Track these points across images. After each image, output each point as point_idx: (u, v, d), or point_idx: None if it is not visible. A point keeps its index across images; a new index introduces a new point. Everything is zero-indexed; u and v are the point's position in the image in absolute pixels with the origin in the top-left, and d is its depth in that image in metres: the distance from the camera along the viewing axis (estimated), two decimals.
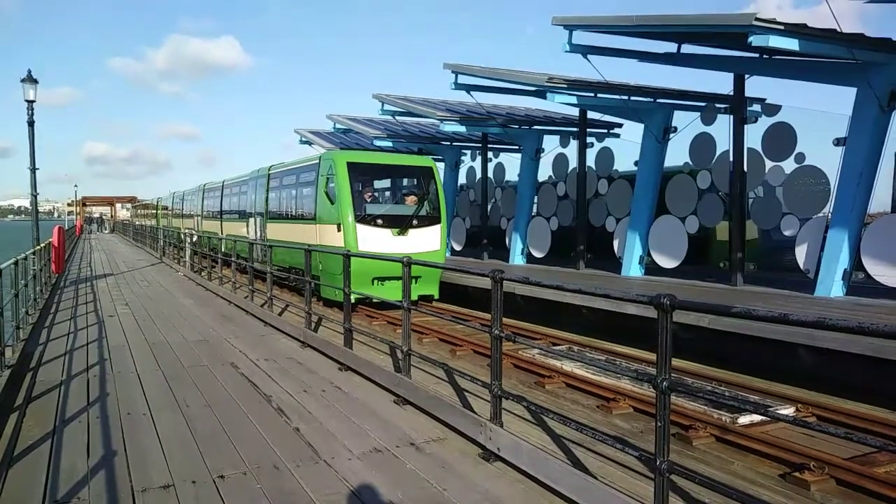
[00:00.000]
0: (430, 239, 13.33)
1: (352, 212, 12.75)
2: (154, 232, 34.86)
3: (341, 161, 13.26)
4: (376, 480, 4.68)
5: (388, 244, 12.65)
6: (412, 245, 12.78)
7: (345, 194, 12.86)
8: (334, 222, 13.00)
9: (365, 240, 12.61)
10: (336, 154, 14.14)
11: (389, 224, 12.94)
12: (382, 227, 12.83)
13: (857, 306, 9.22)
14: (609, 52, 12.91)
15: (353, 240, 12.60)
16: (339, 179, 13.00)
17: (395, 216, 13.21)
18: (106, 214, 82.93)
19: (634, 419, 6.32)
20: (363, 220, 12.76)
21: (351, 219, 12.71)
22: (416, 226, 13.19)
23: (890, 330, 2.85)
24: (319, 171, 13.89)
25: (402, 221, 13.10)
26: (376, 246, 12.47)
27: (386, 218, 13.03)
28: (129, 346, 9.48)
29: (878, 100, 9.85)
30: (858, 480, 4.69)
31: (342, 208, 12.83)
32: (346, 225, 12.71)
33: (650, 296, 3.74)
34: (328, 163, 13.59)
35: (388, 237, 12.82)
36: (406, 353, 6.85)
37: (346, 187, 12.90)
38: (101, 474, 4.73)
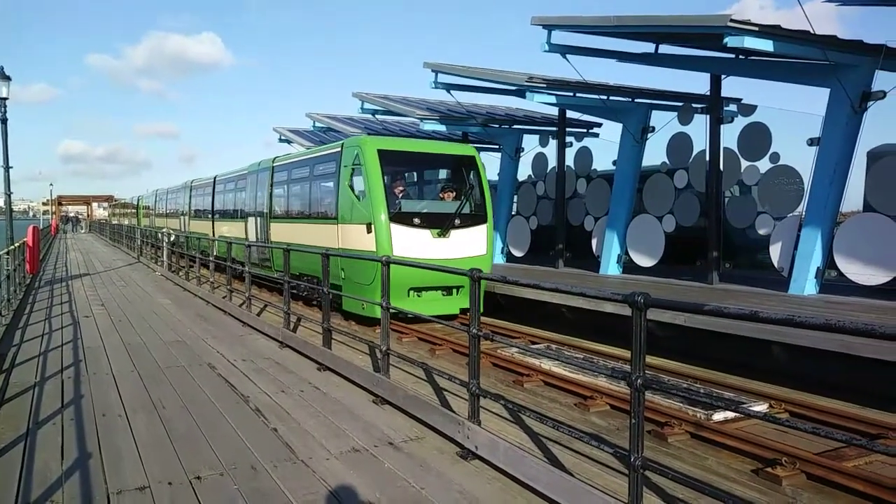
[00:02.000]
0: (475, 241, 11.39)
1: (385, 209, 10.69)
2: (132, 231, 33.92)
3: (370, 148, 11.12)
4: (354, 480, 4.68)
5: (426, 248, 10.78)
6: (455, 249, 11.02)
7: (376, 188, 10.78)
8: (363, 222, 10.96)
9: (401, 243, 10.64)
10: (364, 140, 11.62)
11: (428, 224, 10.98)
12: (421, 228, 10.89)
13: (829, 304, 9.38)
14: (588, 51, 12.99)
15: (387, 243, 10.59)
16: (369, 170, 10.90)
17: (435, 214, 11.22)
18: (82, 214, 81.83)
19: (611, 416, 6.38)
20: (399, 220, 10.77)
21: (384, 217, 10.66)
22: (459, 226, 11.22)
23: (856, 327, 2.92)
24: (342, 160, 11.77)
25: (443, 221, 11.08)
26: (413, 250, 10.61)
27: (425, 217, 11.07)
28: (104, 347, 9.38)
29: (851, 100, 10.01)
30: (828, 475, 4.78)
31: (374, 205, 10.73)
32: (378, 225, 10.66)
33: (624, 294, 3.79)
34: (353, 150, 11.44)
35: (427, 240, 10.89)
36: (385, 352, 6.86)
37: (377, 180, 10.83)
38: (76, 476, 4.68)
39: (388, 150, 11.36)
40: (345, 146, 11.91)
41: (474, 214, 11.55)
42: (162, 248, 22.39)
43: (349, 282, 11.36)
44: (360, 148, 11.25)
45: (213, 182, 21.99)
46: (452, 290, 11.31)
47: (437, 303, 11.05)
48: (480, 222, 11.55)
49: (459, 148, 12.75)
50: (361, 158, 11.09)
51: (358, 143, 11.54)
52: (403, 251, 10.52)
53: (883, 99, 9.94)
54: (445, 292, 11.31)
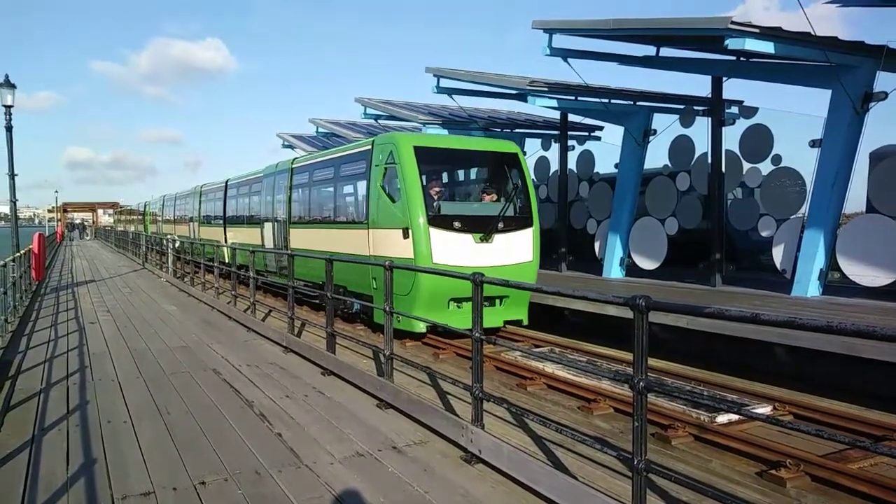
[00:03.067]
0: (521, 247, 10.41)
1: (424, 212, 9.68)
2: (137, 238, 33.66)
3: (406, 145, 10.17)
4: (358, 484, 4.69)
5: (468, 254, 9.82)
6: (499, 255, 10.08)
7: (414, 189, 9.77)
8: (398, 226, 9.94)
9: (441, 249, 9.68)
10: (398, 137, 10.63)
11: (470, 228, 9.98)
12: (462, 232, 9.87)
13: (832, 306, 9.37)
14: (589, 55, 13.02)
15: (426, 249, 9.60)
16: (405, 169, 9.91)
17: (477, 217, 10.31)
18: (87, 220, 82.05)
19: (615, 419, 6.38)
20: (438, 223, 9.77)
21: (423, 221, 9.64)
22: (503, 230, 10.22)
23: (857, 328, 2.93)
24: (373, 159, 10.78)
25: (485, 224, 10.10)
26: (455, 257, 9.68)
27: (466, 220, 10.08)
28: (110, 353, 9.41)
29: (852, 102, 10.02)
30: (833, 477, 4.78)
31: (411, 207, 9.72)
32: (416, 229, 9.64)
33: (626, 297, 3.80)
34: (387, 148, 10.46)
35: (469, 245, 9.91)
36: (389, 356, 6.88)
37: (414, 180, 9.86)
38: (81, 482, 4.71)
39: (424, 147, 10.38)
40: (376, 143, 10.96)
41: (519, 217, 10.57)
42: (167, 254, 22.44)
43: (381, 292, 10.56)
44: (394, 145, 10.29)
45: (225, 186, 21.11)
46: (496, 300, 10.31)
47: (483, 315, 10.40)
48: (526, 226, 10.56)
49: (500, 144, 11.70)
50: (396, 156, 10.12)
51: (392, 139, 10.57)
52: (443, 258, 9.58)
53: (885, 100, 9.94)
54: (488, 303, 9.97)
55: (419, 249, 9.62)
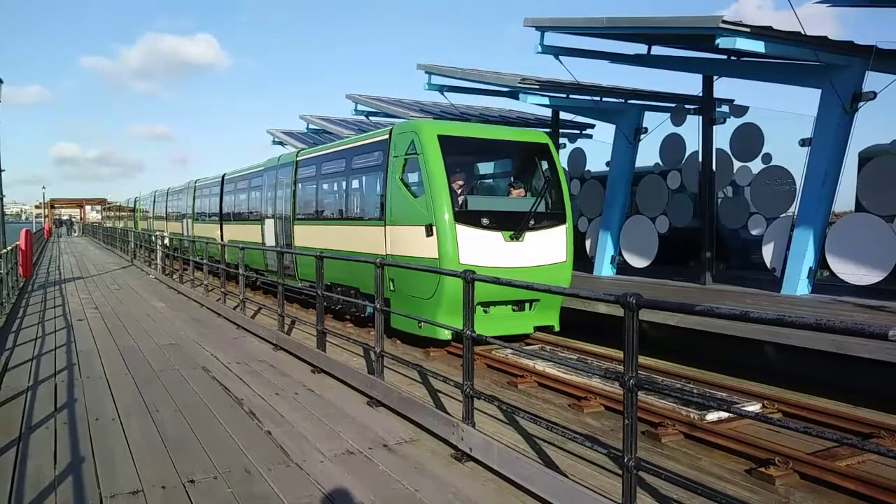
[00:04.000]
0: (553, 246, 9.62)
1: (450, 207, 8.89)
2: (125, 234, 33.18)
3: (430, 133, 9.33)
4: (349, 482, 4.68)
5: (497, 254, 9.05)
6: (530, 255, 9.32)
7: (438, 182, 8.96)
8: (420, 223, 9.11)
9: (468, 248, 8.88)
10: (420, 125, 9.81)
11: (499, 225, 9.18)
12: (490, 230, 9.11)
13: (821, 304, 9.42)
14: (580, 53, 13.04)
15: (452, 248, 8.82)
16: (429, 161, 9.08)
17: (507, 213, 9.46)
18: (75, 216, 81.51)
19: (605, 417, 6.39)
20: (465, 220, 8.97)
21: (448, 217, 8.84)
22: (534, 227, 9.43)
23: (845, 326, 2.94)
24: (391, 150, 9.93)
25: (516, 221, 9.30)
26: (483, 257, 8.86)
27: (495, 216, 9.27)
28: (98, 350, 9.35)
29: (842, 101, 10.08)
30: (821, 474, 4.80)
31: (435, 202, 8.90)
32: (441, 226, 8.84)
33: (617, 295, 3.81)
34: (407, 137, 9.62)
35: (498, 244, 9.12)
36: (379, 354, 6.86)
37: (439, 172, 9.01)
38: (69, 481, 4.67)
39: (450, 136, 9.51)
40: (395, 133, 10.07)
41: (552, 213, 9.75)
42: (156, 251, 22.30)
43: (400, 295, 9.54)
44: (415, 134, 9.45)
45: (222, 181, 20.14)
46: (525, 304, 9.57)
47: (508, 320, 9.40)
48: (559, 223, 9.73)
49: (530, 134, 10.90)
50: (418, 146, 9.28)
51: (413, 127, 9.75)
52: (470, 259, 8.72)
53: (873, 100, 10.00)
54: (517, 307, 9.53)
55: (444, 249, 8.81)
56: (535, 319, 9.69)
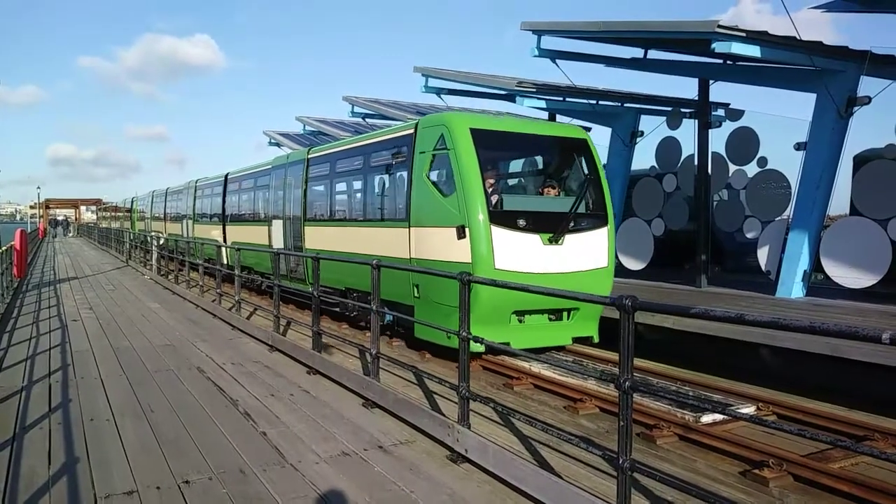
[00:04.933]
0: (594, 250, 8.86)
1: (485, 207, 8.19)
2: (120, 235, 32.93)
3: (461, 127, 8.61)
4: (343, 484, 4.68)
5: (536, 258, 8.33)
6: (570, 259, 8.56)
7: (472, 180, 8.26)
8: (450, 224, 8.40)
9: (504, 252, 8.17)
10: (451, 118, 9.11)
11: (538, 226, 8.45)
12: (528, 232, 8.37)
13: (815, 307, 9.46)
14: (577, 56, 13.09)
15: (487, 251, 8.10)
16: (462, 156, 8.37)
17: (546, 214, 8.75)
18: (70, 217, 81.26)
19: (600, 419, 6.40)
20: (501, 221, 8.26)
21: (483, 218, 8.13)
22: (574, 229, 8.70)
23: (839, 329, 2.95)
24: (416, 145, 9.21)
25: (554, 223, 8.57)
26: (520, 261, 8.21)
27: (533, 217, 8.53)
28: (92, 350, 9.32)
29: (837, 105, 10.12)
30: (815, 476, 4.82)
31: (469, 202, 8.20)
32: (475, 228, 8.13)
33: (612, 297, 3.82)
34: (436, 131, 8.87)
35: (535, 247, 8.39)
36: (375, 356, 6.86)
37: (473, 169, 8.30)
38: (63, 481, 4.65)
39: (483, 130, 8.81)
40: (421, 126, 9.32)
41: (592, 214, 9.04)
42: (151, 251, 22.24)
43: (427, 303, 8.80)
44: (445, 127, 8.71)
45: (225, 181, 19.41)
46: (563, 313, 8.87)
47: (543, 331, 8.73)
48: (600, 224, 8.99)
49: (567, 128, 10.25)
50: (449, 141, 8.56)
51: (442, 121, 9.00)
52: (507, 263, 8.11)
53: (868, 104, 10.06)
54: (554, 316, 8.81)
55: (478, 252, 8.08)
56: (573, 330, 8.92)
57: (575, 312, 8.86)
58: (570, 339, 8.97)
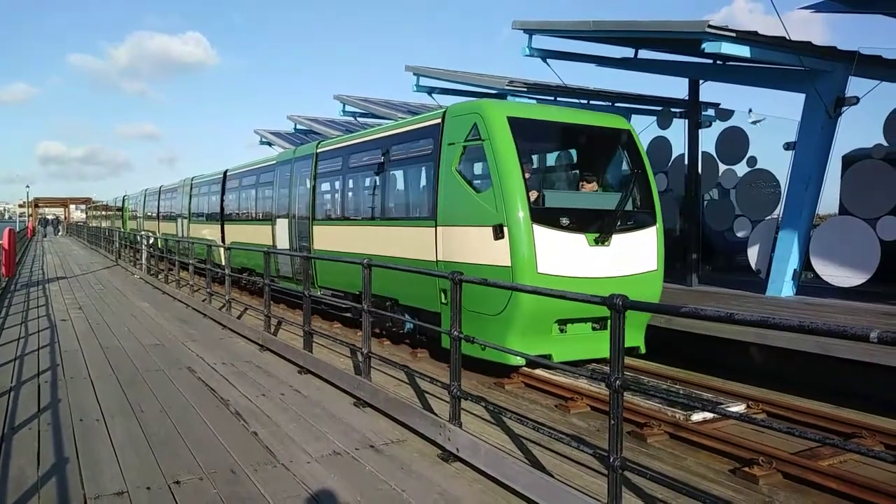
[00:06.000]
0: (643, 251, 8.07)
1: (526, 204, 7.37)
2: (110, 234, 32.58)
3: (498, 116, 7.81)
4: (335, 483, 4.67)
5: (581, 260, 7.56)
6: (617, 262, 7.75)
7: (511, 174, 7.45)
8: (485, 223, 7.60)
9: (548, 254, 7.37)
10: (486, 105, 8.27)
11: (582, 226, 7.66)
12: (573, 231, 7.57)
13: (805, 306, 9.51)
14: (568, 56, 13.12)
15: (529, 253, 7.29)
16: (499, 148, 7.58)
17: (592, 212, 7.94)
18: (59, 216, 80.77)
19: (591, 418, 6.42)
20: (543, 220, 7.43)
21: (524, 216, 7.32)
22: (621, 228, 7.92)
23: (828, 328, 2.98)
24: (444, 136, 8.42)
25: (600, 221, 7.79)
26: (564, 264, 7.44)
27: (578, 215, 7.73)
28: (82, 350, 9.27)
29: (826, 106, 10.18)
30: (804, 474, 4.86)
31: (507, 198, 7.39)
32: (515, 227, 7.32)
33: (604, 297, 3.84)
34: (468, 120, 8.06)
35: (581, 249, 7.59)
36: (366, 355, 6.85)
37: (512, 162, 7.50)
38: (52, 482, 4.63)
39: (521, 119, 8.00)
40: (450, 115, 8.50)
41: (640, 211, 8.25)
42: (141, 250, 22.12)
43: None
44: (479, 116, 7.91)
45: (224, 178, 18.56)
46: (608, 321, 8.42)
47: (587, 342, 7.82)
48: (648, 223, 8.20)
49: (610, 118, 9.24)
50: (484, 130, 7.78)
51: (476, 108, 8.15)
52: (550, 267, 7.34)
53: (856, 104, 10.13)
54: (598, 325, 7.87)
55: (519, 254, 7.29)
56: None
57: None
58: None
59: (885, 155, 10.69)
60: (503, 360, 7.36)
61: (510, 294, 7.12)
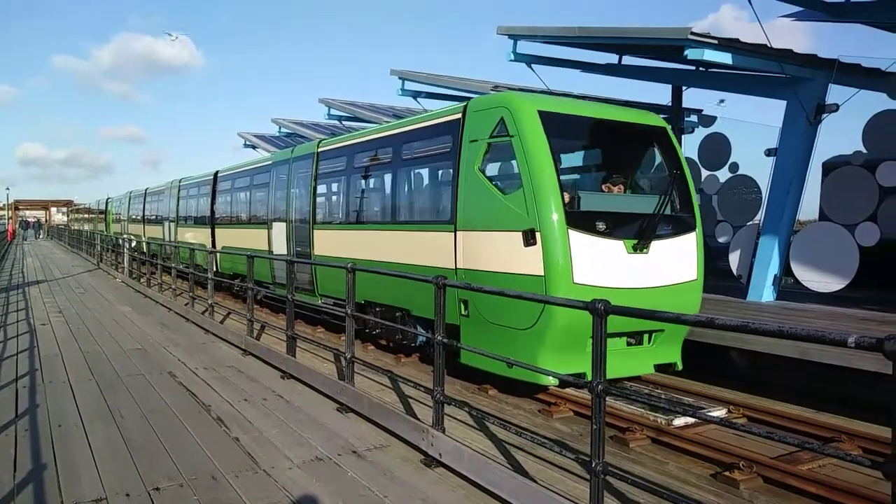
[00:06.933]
0: (683, 258, 7.51)
1: (560, 206, 6.70)
2: (91, 237, 32.23)
3: (528, 110, 7.15)
4: (317, 489, 4.65)
5: (619, 269, 6.93)
6: (657, 271, 7.17)
7: (544, 174, 6.78)
8: (514, 227, 6.91)
9: (584, 262, 6.69)
10: (514, 98, 7.66)
11: (620, 231, 7.04)
12: (610, 238, 6.93)
13: (785, 310, 9.60)
14: (553, 62, 13.15)
15: (564, 261, 6.60)
16: (531, 145, 6.92)
17: (629, 216, 7.32)
18: (40, 218, 79.86)
19: (575, 423, 6.44)
20: (579, 224, 6.76)
21: (559, 220, 6.65)
22: (659, 235, 7.27)
23: (806, 333, 3.01)
24: (465, 132, 7.77)
25: (638, 226, 7.15)
26: (602, 273, 6.78)
27: (613, 219, 7.09)
28: (62, 355, 9.16)
29: (806, 113, 10.30)
30: (783, 478, 4.90)
31: (540, 200, 6.72)
32: (549, 233, 6.64)
33: (586, 301, 3.85)
34: (492, 115, 7.43)
35: (619, 256, 6.95)
36: (350, 360, 6.83)
37: (545, 160, 6.84)
38: (29, 489, 4.56)
39: (553, 114, 7.30)
40: (471, 110, 7.87)
41: (679, 216, 7.64)
42: (123, 254, 21.90)
43: (479, 323, 7.32)
44: (507, 110, 7.24)
45: (214, 179, 17.76)
46: (644, 336, 7.39)
47: (622, 357, 7.14)
48: (688, 228, 7.63)
49: (645, 115, 8.50)
50: (512, 126, 7.11)
51: (503, 102, 7.47)
52: (586, 276, 6.65)
53: (836, 112, 10.25)
54: (633, 339, 7.33)
55: (553, 262, 6.59)
56: (655, 356, 7.44)
57: (658, 335, 7.37)
58: (651, 368, 7.46)
59: (863, 162, 10.82)
60: (534, 380, 6.79)
61: (543, 306, 6.40)
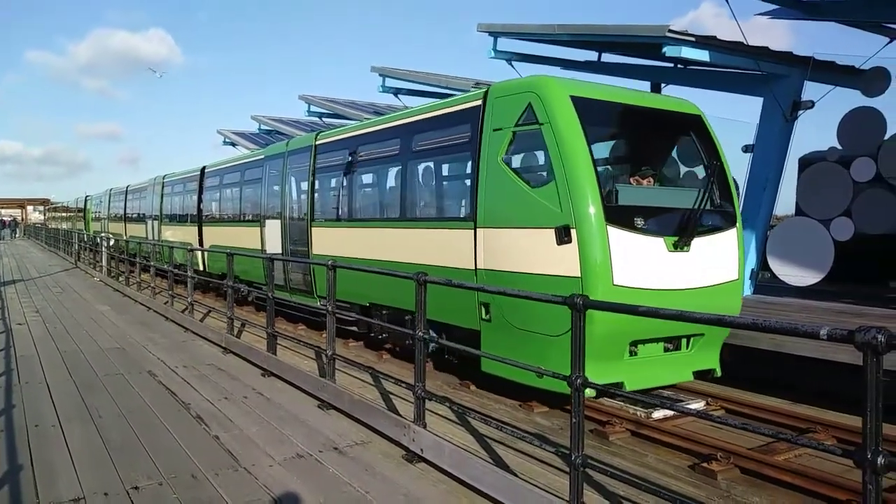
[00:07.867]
0: (724, 257, 6.94)
1: (599, 200, 6.12)
2: (69, 236, 31.93)
3: (560, 94, 6.55)
4: (298, 486, 4.64)
5: (660, 269, 6.39)
6: (698, 270, 6.65)
7: (580, 164, 6.19)
8: (545, 224, 6.30)
9: (624, 262, 6.12)
10: (543, 82, 6.86)
11: (660, 227, 6.48)
12: (650, 234, 6.37)
13: (762, 304, 9.73)
14: (533, 59, 13.19)
15: (604, 260, 6.04)
16: (564, 133, 6.31)
17: (669, 212, 6.70)
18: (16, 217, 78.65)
19: (555, 417, 6.47)
20: (618, 220, 6.17)
21: (597, 215, 6.06)
22: (700, 231, 6.70)
23: (780, 326, 3.06)
24: (486, 121, 7.14)
25: (678, 222, 6.58)
26: (642, 274, 6.23)
27: (654, 215, 6.55)
28: (38, 355, 9.04)
29: (783, 109, 10.45)
30: (760, 468, 4.98)
31: (575, 194, 6.13)
32: (586, 230, 6.05)
33: (564, 297, 3.88)
34: (519, 101, 6.80)
35: (659, 255, 6.40)
36: (331, 357, 6.82)
37: (581, 149, 6.24)
38: (5, 490, 4.51)
39: (587, 100, 6.68)
40: (493, 95, 7.19)
41: (719, 210, 7.12)
42: (101, 252, 21.65)
43: (503, 328, 6.74)
44: (536, 95, 6.61)
45: (201, 175, 16.99)
46: (682, 341, 6.84)
47: (660, 364, 6.71)
48: (728, 224, 7.10)
49: (678, 103, 7.79)
50: (542, 112, 6.49)
51: (531, 86, 6.81)
52: (627, 277, 6.11)
53: (812, 108, 10.40)
54: (670, 344, 6.79)
55: (591, 262, 6.00)
56: (694, 362, 6.91)
57: (697, 340, 6.83)
58: (690, 375, 6.93)
59: (838, 158, 11.01)
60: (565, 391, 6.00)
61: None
